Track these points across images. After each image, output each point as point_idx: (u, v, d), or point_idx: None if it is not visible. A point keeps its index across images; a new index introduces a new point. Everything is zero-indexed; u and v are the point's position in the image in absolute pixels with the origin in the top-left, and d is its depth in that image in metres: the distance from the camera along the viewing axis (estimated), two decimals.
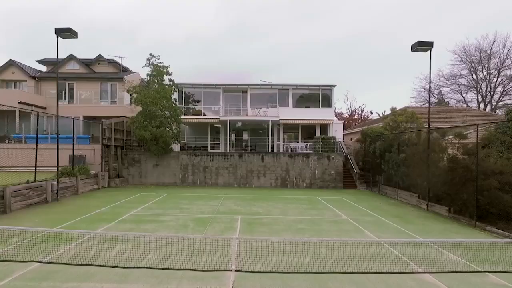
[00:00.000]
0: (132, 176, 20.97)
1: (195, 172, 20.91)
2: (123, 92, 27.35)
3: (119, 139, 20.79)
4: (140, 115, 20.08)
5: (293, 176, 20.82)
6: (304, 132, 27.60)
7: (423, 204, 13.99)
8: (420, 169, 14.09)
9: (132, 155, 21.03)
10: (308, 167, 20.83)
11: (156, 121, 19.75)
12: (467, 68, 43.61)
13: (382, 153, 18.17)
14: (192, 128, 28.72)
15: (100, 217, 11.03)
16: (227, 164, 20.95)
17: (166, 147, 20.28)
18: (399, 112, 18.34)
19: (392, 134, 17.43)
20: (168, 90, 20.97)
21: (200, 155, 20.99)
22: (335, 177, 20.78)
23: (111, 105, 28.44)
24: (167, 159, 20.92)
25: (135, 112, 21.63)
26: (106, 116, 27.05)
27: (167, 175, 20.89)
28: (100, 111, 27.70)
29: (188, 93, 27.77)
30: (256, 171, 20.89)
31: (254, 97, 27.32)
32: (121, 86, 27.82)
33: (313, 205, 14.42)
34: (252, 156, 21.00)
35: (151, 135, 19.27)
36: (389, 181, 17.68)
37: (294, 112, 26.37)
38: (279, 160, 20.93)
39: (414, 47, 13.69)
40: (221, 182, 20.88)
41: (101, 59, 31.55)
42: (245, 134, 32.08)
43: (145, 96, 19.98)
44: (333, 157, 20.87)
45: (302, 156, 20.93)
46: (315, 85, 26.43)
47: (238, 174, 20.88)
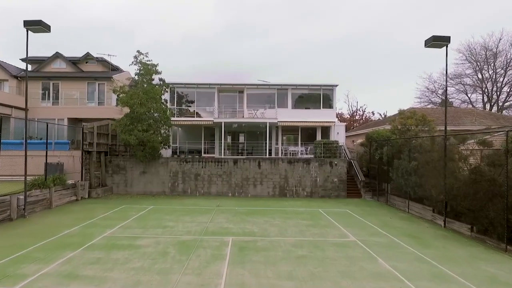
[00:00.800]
0: (117, 185, 19.29)
1: (186, 180, 19.25)
2: (112, 93, 25.67)
3: (103, 144, 19.10)
4: (125, 117, 18.40)
5: (293, 184, 19.20)
6: (304, 135, 26.00)
7: (439, 220, 12.40)
8: (435, 180, 12.50)
9: (117, 162, 19.35)
10: (308, 175, 19.21)
11: (143, 124, 18.09)
12: (472, 67, 42.05)
13: (390, 159, 16.58)
14: (185, 130, 27.08)
15: (66, 241, 9.37)
16: (220, 171, 19.30)
17: (154, 153, 18.62)
18: (408, 114, 16.76)
19: (402, 139, 15.83)
20: (157, 91, 19.31)
21: (192, 161, 19.33)
22: (338, 185, 19.17)
23: (99, 107, 26.72)
24: (155, 166, 19.26)
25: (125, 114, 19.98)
26: (93, 119, 25.44)
27: (155, 184, 19.22)
28: (86, 112, 26.00)
29: (182, 93, 26.15)
30: (252, 178, 19.26)
31: (251, 98, 25.72)
32: (109, 86, 26.15)
33: (315, 220, 12.79)
34: (248, 163, 19.37)
35: (137, 139, 17.60)
36: (398, 190, 16.08)
37: (294, 114, 24.79)
38: (278, 166, 19.31)
39: (429, 42, 12.09)
40: (214, 191, 19.24)
41: (89, 57, 29.82)
42: (242, 137, 30.52)
43: (131, 97, 18.32)
44: (336, 163, 19.25)
45: (303, 163, 19.30)
46: (315, 85, 24.84)
47: (232, 182, 19.24)
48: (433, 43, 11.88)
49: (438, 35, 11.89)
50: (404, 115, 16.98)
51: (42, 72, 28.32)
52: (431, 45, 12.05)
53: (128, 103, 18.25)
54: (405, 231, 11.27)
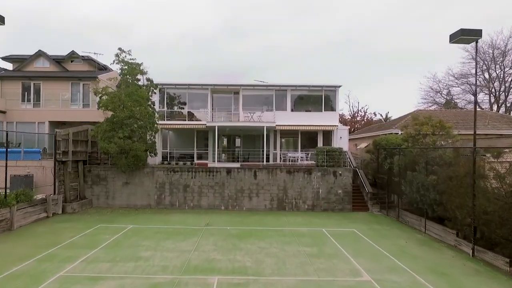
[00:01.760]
0: (97, 197, 17.32)
1: (174, 192, 17.30)
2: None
3: (81, 152, 17.13)
4: (105, 123, 16.45)
5: (292, 196, 17.28)
6: (304, 139, 24.09)
7: (466, 247, 10.50)
8: (460, 199, 10.61)
9: (97, 172, 17.38)
10: (310, 186, 17.29)
11: (124, 130, 16.13)
12: (479, 66, 40.14)
13: (403, 170, 14.68)
14: (177, 134, 25.15)
15: (5, 286, 7.42)
16: (212, 182, 17.36)
17: (138, 162, 16.66)
18: (422, 120, 14.85)
19: (417, 149, 13.90)
20: (142, 93, 17.33)
21: (180, 171, 17.37)
22: (342, 197, 17.25)
23: (83, 109, 24.68)
24: (139, 176, 17.30)
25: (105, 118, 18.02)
26: (77, 122, 23.51)
27: (140, 196, 17.27)
28: (69, 115, 23.98)
29: (174, 95, 24.20)
30: (247, 190, 17.32)
31: (247, 99, 23.77)
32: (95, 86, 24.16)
33: (319, 246, 10.87)
34: (243, 172, 17.42)
35: (117, 148, 15.64)
36: (412, 205, 14.18)
37: (293, 117, 22.87)
38: (275, 177, 17.38)
39: (456, 36, 10.17)
40: (205, 204, 17.29)
41: (74, 56, 27.72)
42: (238, 140, 28.59)
43: (111, 100, 16.37)
44: (340, 173, 17.33)
45: (303, 172, 17.37)
46: (317, 86, 22.90)
47: (225, 194, 17.30)
48: (461, 37, 9.96)
49: (467, 28, 9.97)
50: (418, 120, 15.06)
51: (22, 71, 26.28)
52: (458, 40, 10.13)
53: (108, 107, 16.31)
54: (428, 264, 9.36)
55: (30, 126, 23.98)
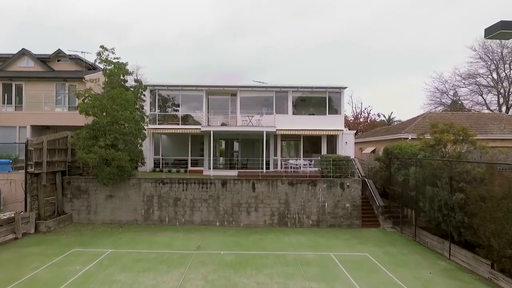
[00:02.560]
0: (78, 212, 15.56)
1: (163, 206, 15.53)
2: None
3: (59, 162, 15.35)
4: (85, 130, 14.70)
5: (295, 210, 15.54)
6: (306, 144, 22.39)
7: (504, 282, 8.78)
8: (498, 225, 8.89)
9: (77, 183, 15.60)
10: (315, 199, 15.55)
11: (106, 138, 14.37)
12: (486, 66, 38.34)
13: (420, 184, 12.94)
14: (170, 139, 23.44)
15: None
16: (206, 195, 15.60)
17: (122, 173, 14.90)
18: (442, 127, 13.10)
19: (438, 161, 12.13)
20: (128, 96, 15.56)
21: (170, 182, 15.60)
22: (350, 211, 15.51)
23: (69, 112, 22.87)
24: (125, 189, 15.53)
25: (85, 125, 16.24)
26: (62, 127, 21.78)
27: (125, 210, 15.50)
28: (54, 119, 22.17)
29: (168, 96, 22.47)
30: (245, 204, 15.57)
31: (245, 102, 22.07)
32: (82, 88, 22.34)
33: (328, 282, 9.12)
34: (240, 184, 15.67)
35: (97, 158, 13.89)
36: (429, 222, 12.44)
37: (295, 121, 21.17)
38: (276, 189, 15.62)
39: (493, 31, 8.38)
40: (198, 219, 15.54)
41: (61, 55, 25.91)
42: (236, 144, 26.87)
43: (92, 104, 14.61)
44: (348, 184, 15.59)
45: (307, 184, 15.62)
46: (320, 87, 21.19)
47: (220, 209, 15.54)
48: (501, 31, 8.18)
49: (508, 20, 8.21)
50: (437, 127, 13.29)
51: (4, 71, 24.46)
52: (497, 35, 8.36)
53: (88, 112, 14.55)
54: None
55: (11, 131, 22.22)
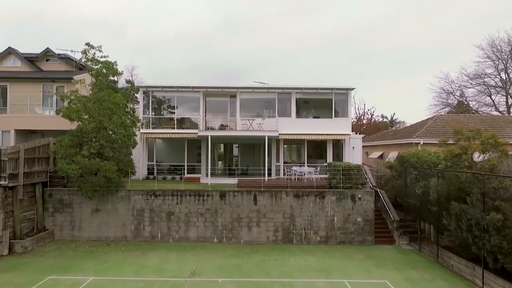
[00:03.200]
0: (61, 228, 14.02)
1: (155, 220, 14.02)
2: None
3: (39, 173, 13.82)
4: (67, 137, 13.19)
5: (301, 225, 14.05)
6: (310, 149, 20.96)
7: None
8: None
9: (60, 196, 14.07)
10: (323, 213, 14.06)
11: (92, 146, 12.85)
12: (494, 66, 36.90)
13: (444, 199, 11.48)
14: (165, 143, 21.98)
15: None
16: (202, 209, 14.09)
17: (109, 185, 13.38)
18: (468, 133, 11.63)
19: (467, 173, 10.66)
20: (116, 98, 14.04)
21: (163, 195, 14.08)
22: (362, 226, 14.03)
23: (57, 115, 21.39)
24: (113, 202, 14.01)
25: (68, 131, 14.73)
26: (50, 131, 20.28)
27: (113, 226, 13.97)
28: (41, 123, 20.59)
29: (163, 98, 20.98)
30: (246, 218, 14.07)
31: (246, 104, 20.65)
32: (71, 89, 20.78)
33: None
34: (240, 197, 14.16)
35: (80, 169, 12.38)
36: (458, 244, 10.98)
37: (298, 124, 19.74)
38: (280, 201, 14.13)
39: None
40: (194, 235, 14.02)
41: (49, 54, 24.34)
42: (236, 149, 25.39)
43: (75, 108, 13.11)
44: (359, 196, 14.12)
45: (315, 196, 14.13)
46: (326, 88, 19.76)
47: (219, 224, 14.04)
48: None
49: None
50: (461, 134, 11.82)
51: None
52: None
53: (70, 117, 13.05)
54: None
55: None
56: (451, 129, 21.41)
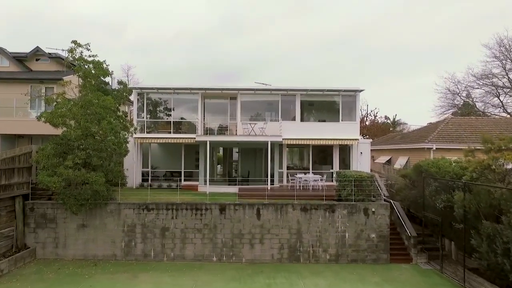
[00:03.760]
0: (43, 245, 12.68)
1: (148, 237, 12.70)
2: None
3: (20, 184, 12.49)
4: (50, 145, 11.86)
5: (309, 242, 12.75)
6: (315, 154, 19.68)
7: None
8: None
9: (42, 210, 12.73)
10: (333, 228, 12.76)
11: (77, 155, 11.52)
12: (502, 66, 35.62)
13: (473, 216, 10.20)
14: (161, 148, 20.70)
15: None
16: (200, 224, 12.77)
17: (96, 198, 12.05)
18: (499, 142, 10.34)
19: (503, 189, 9.36)
20: (106, 102, 12.72)
21: (156, 209, 12.76)
22: (376, 243, 12.75)
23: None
24: (101, 216, 12.68)
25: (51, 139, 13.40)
26: (39, 136, 19.09)
27: (101, 243, 12.63)
28: (28, 126, 19.16)
29: (160, 99, 19.65)
30: (248, 234, 12.76)
31: (247, 106, 19.40)
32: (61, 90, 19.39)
33: None
34: (242, 211, 12.85)
35: (63, 182, 11.06)
36: (490, 269, 9.71)
37: (303, 128, 18.49)
38: (286, 216, 12.83)
39: None
40: (190, 253, 12.70)
41: (39, 53, 22.97)
42: (236, 154, 24.09)
43: (59, 113, 11.78)
44: (373, 210, 12.83)
45: (324, 210, 12.83)
46: (333, 90, 18.48)
47: (218, 241, 12.72)
48: None
49: None
50: (491, 142, 10.53)
51: None
52: None
53: (53, 122, 11.73)
54: None
55: None
56: (465, 133, 20.38)
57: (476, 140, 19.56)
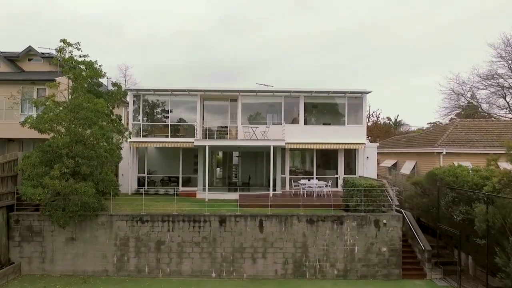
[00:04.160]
0: (29, 260, 11.76)
1: (142, 251, 11.78)
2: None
3: (4, 195, 11.57)
4: (35, 152, 10.95)
5: (316, 256, 11.84)
6: (319, 159, 18.79)
7: None
8: None
9: (28, 222, 11.80)
10: (341, 241, 11.86)
11: (64, 164, 10.60)
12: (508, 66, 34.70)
13: (497, 232, 9.31)
14: (158, 152, 19.80)
15: None
16: (198, 237, 11.86)
17: (86, 210, 11.14)
18: None
19: None
20: (98, 105, 11.81)
21: (151, 220, 11.85)
22: (388, 257, 11.85)
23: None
24: (91, 229, 11.76)
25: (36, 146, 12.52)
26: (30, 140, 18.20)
27: (91, 258, 11.72)
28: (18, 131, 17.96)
29: (157, 101, 18.75)
30: (250, 248, 11.85)
31: (248, 109, 18.55)
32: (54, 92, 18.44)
33: None
34: (243, 222, 11.95)
35: (49, 193, 10.15)
36: None
37: (307, 132, 17.61)
38: (291, 228, 11.93)
39: None
40: (187, 268, 11.79)
41: (32, 53, 22.02)
42: (236, 158, 23.17)
43: (45, 118, 10.87)
44: (384, 222, 11.93)
45: (331, 222, 11.93)
46: (338, 92, 17.59)
47: (217, 255, 11.82)
48: None
49: None
50: None
51: None
52: None
53: (39, 128, 10.83)
54: None
55: None
56: (475, 137, 19.47)
57: (488, 144, 18.70)
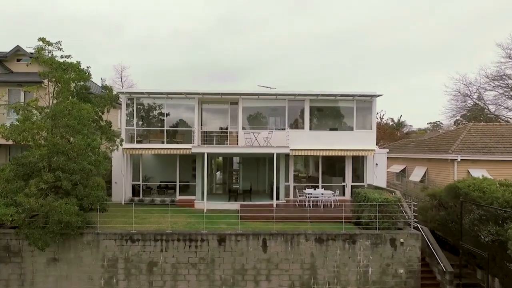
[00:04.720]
0: (6, 283, 10.55)
1: (132, 273, 10.59)
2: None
3: None
4: (10, 166, 9.74)
5: (325, 278, 10.66)
6: (324, 164, 17.64)
7: None
8: None
9: (5, 241, 10.60)
10: (353, 262, 10.68)
11: (42, 179, 9.38)
12: None
13: None
14: (154, 158, 18.65)
15: None
16: (195, 258, 10.66)
17: (70, 229, 9.93)
18: None
19: None
20: (83, 112, 10.58)
21: (142, 239, 10.65)
22: (405, 280, 10.66)
23: None
24: (76, 249, 10.56)
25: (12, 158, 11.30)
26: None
27: (76, 280, 10.52)
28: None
29: (154, 104, 17.54)
30: (252, 269, 10.66)
31: (249, 112, 17.35)
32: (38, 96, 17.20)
33: None
34: (244, 242, 10.75)
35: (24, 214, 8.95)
36: None
37: (313, 138, 16.44)
38: (298, 248, 10.73)
39: None
40: None
41: (20, 53, 20.83)
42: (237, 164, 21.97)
43: (21, 127, 9.67)
44: (401, 241, 10.74)
45: (342, 241, 10.73)
46: (346, 95, 16.43)
47: (216, 277, 10.63)
48: None
49: None
50: None
51: None
52: None
53: (13, 138, 9.62)
54: None
55: None
56: (491, 142, 18.22)
57: (505, 150, 17.50)
